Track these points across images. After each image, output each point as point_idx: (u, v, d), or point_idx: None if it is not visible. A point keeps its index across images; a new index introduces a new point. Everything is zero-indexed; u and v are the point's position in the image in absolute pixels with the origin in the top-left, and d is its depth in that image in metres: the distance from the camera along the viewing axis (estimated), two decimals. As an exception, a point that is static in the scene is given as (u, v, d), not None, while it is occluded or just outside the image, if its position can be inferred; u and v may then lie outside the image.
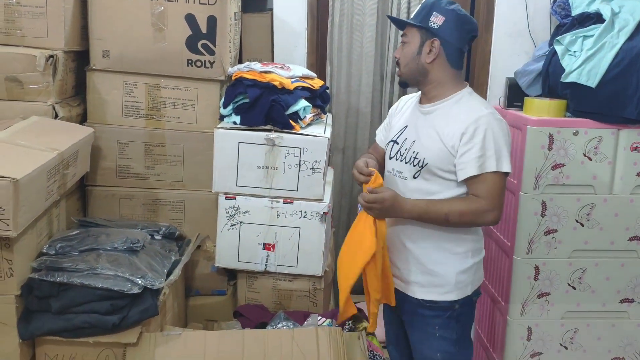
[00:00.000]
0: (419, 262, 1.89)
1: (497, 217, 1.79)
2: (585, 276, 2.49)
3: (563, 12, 2.52)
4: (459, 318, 1.90)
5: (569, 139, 2.37)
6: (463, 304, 1.89)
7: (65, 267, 1.88)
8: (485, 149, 1.76)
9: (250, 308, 2.33)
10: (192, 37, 2.29)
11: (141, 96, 2.36)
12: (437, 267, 1.87)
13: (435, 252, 1.88)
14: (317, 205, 2.26)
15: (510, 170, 1.78)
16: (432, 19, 1.84)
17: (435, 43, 1.85)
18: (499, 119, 1.81)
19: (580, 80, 2.29)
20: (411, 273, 1.91)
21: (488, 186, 1.77)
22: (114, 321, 1.84)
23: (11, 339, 1.84)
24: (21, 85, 2.14)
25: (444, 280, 1.87)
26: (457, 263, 1.87)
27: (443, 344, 1.90)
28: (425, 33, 1.86)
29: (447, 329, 1.89)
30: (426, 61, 1.87)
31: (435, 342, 1.91)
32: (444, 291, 1.88)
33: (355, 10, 2.87)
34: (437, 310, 1.89)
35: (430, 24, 1.84)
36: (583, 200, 2.43)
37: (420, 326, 1.94)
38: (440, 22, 1.84)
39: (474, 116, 1.78)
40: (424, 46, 1.86)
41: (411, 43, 1.89)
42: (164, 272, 2.07)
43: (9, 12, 2.15)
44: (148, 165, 2.42)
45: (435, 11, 1.84)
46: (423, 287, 1.90)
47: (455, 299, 1.88)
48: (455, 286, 1.87)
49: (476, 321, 2.97)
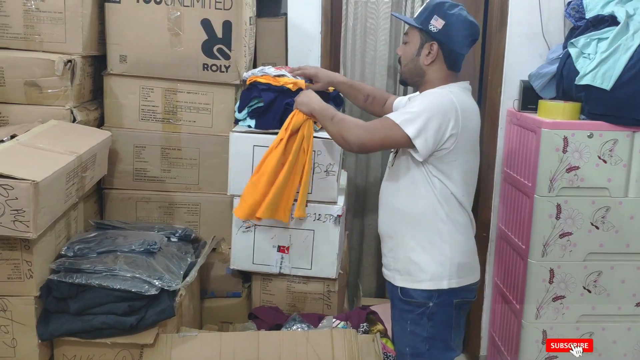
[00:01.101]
0: (400, 250, 1.96)
1: (359, 144, 1.87)
2: (600, 279, 2.48)
3: (577, 15, 2.51)
4: (432, 317, 1.92)
5: (583, 142, 2.36)
6: (438, 303, 1.91)
7: (83, 269, 1.90)
8: (411, 106, 1.87)
9: (265, 310, 2.35)
10: (208, 42, 2.32)
11: (157, 100, 2.39)
12: (415, 256, 1.92)
13: (413, 241, 1.93)
14: (331, 208, 2.27)
15: (411, 135, 1.80)
16: (432, 22, 1.87)
17: (434, 47, 1.88)
18: (444, 94, 1.85)
19: (594, 83, 2.29)
20: (395, 261, 1.98)
21: (379, 123, 1.88)
22: (132, 322, 1.87)
23: (30, 339, 1.87)
24: (40, 89, 2.17)
25: (419, 268, 1.91)
26: (434, 254, 1.90)
27: (412, 340, 1.95)
28: (425, 35, 1.89)
29: (418, 325, 1.93)
30: (424, 63, 1.92)
31: (406, 337, 1.97)
32: (417, 279, 1.92)
33: (369, 14, 2.88)
34: (411, 305, 1.94)
35: (430, 27, 1.87)
36: (598, 203, 2.42)
37: (397, 319, 2.02)
38: (440, 26, 1.86)
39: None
40: (423, 48, 1.90)
41: (411, 43, 1.94)
42: (181, 273, 2.09)
43: (28, 18, 2.18)
44: (164, 169, 2.44)
45: (436, 14, 1.87)
46: (401, 275, 1.96)
47: (428, 289, 1.90)
48: (430, 276, 1.90)
49: (490, 324, 2.97)
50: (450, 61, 1.91)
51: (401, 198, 1.95)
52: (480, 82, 2.91)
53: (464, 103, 1.86)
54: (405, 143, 1.82)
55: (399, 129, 1.81)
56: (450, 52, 1.89)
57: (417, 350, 1.95)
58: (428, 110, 1.80)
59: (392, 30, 2.90)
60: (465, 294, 1.96)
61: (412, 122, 1.80)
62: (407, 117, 1.81)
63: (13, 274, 1.82)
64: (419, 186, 1.90)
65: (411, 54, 1.94)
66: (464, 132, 1.83)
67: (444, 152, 1.83)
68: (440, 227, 1.90)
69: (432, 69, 1.92)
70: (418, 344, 1.95)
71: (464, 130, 1.83)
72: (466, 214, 1.95)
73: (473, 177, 1.97)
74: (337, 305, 2.40)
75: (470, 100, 1.92)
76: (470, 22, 1.90)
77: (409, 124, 1.80)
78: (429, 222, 1.90)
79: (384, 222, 2.05)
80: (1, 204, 1.65)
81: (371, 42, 2.91)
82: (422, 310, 1.92)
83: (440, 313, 1.93)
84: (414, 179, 1.90)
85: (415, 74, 1.96)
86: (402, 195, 1.95)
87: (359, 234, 3.14)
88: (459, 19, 1.87)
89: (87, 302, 1.87)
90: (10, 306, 1.84)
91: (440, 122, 1.80)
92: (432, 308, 1.91)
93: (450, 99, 1.83)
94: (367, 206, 3.09)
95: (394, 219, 1.99)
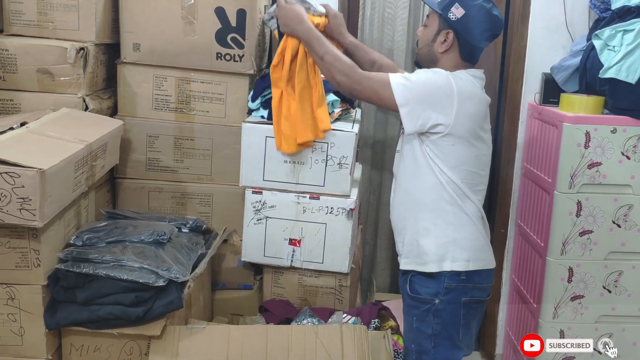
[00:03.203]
0: (408, 233, 1.93)
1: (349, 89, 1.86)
2: (621, 279, 2.42)
3: (602, 6, 2.45)
4: (438, 314, 1.88)
5: (606, 137, 2.30)
6: (445, 300, 1.87)
7: (91, 259, 1.89)
8: (410, 75, 1.83)
9: (276, 303, 2.32)
10: (222, 31, 2.29)
11: (171, 89, 2.37)
12: (420, 238, 1.89)
13: (419, 223, 1.90)
14: (343, 201, 2.23)
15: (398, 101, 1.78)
16: (452, 10, 1.82)
17: (450, 35, 1.84)
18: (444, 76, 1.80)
19: (619, 76, 2.22)
20: (402, 245, 1.97)
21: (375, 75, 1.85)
22: (138, 313, 1.85)
23: (38, 328, 1.86)
24: (52, 77, 2.16)
25: (423, 250, 1.88)
26: (437, 234, 1.87)
27: (418, 336, 1.93)
28: (444, 22, 1.85)
29: (424, 322, 1.90)
30: (438, 50, 1.87)
31: (412, 333, 1.95)
32: (422, 262, 1.89)
33: (387, 3, 2.83)
34: (417, 301, 1.91)
35: (449, 14, 1.82)
36: (620, 201, 2.35)
37: (405, 315, 1.99)
38: (459, 15, 1.81)
39: None
40: (439, 35, 1.86)
41: (430, 27, 1.90)
42: (190, 265, 2.07)
43: (41, 5, 2.18)
44: (177, 159, 2.43)
45: (457, 2, 1.82)
46: (408, 258, 1.94)
47: (430, 271, 1.87)
48: (433, 257, 1.87)
49: (506, 323, 2.92)
50: (465, 52, 1.86)
51: (407, 181, 1.92)
52: (501, 74, 2.85)
53: (465, 88, 1.80)
54: (392, 106, 1.80)
55: (390, 89, 1.78)
56: (465, 43, 1.84)
57: (422, 347, 1.92)
58: (424, 85, 1.78)
59: (410, 20, 2.84)
60: (475, 292, 1.89)
61: (406, 88, 1.78)
62: (403, 82, 1.79)
63: (21, 262, 1.81)
64: (421, 168, 1.86)
65: (427, 39, 1.90)
66: (460, 117, 1.78)
67: (437, 135, 1.80)
68: (445, 208, 1.86)
69: (445, 57, 1.88)
70: (423, 341, 1.91)
71: (460, 115, 1.77)
72: (473, 204, 1.89)
73: (477, 167, 1.89)
74: (349, 299, 2.37)
75: (476, 87, 1.86)
76: (493, 15, 1.84)
77: (402, 90, 1.78)
78: (432, 204, 1.87)
79: (394, 207, 2.03)
80: (7, 191, 1.64)
81: (389, 32, 2.86)
82: (427, 307, 1.88)
83: (447, 310, 1.88)
84: (418, 162, 1.87)
85: (428, 59, 1.92)
86: (408, 178, 1.92)
87: (373, 227, 3.10)
88: (481, 10, 1.81)
89: (94, 292, 1.86)
90: (18, 294, 1.83)
91: (431, 102, 1.77)
92: (438, 305, 1.87)
93: (449, 81, 1.78)
94: (382, 200, 3.04)
95: (401, 202, 1.97)
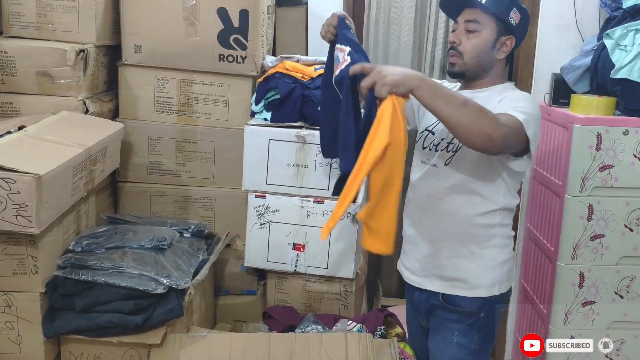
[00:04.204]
0: (443, 256, 1.78)
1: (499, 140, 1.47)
2: (633, 285, 2.37)
3: (613, 5, 2.40)
4: (482, 328, 1.78)
5: (618, 139, 2.24)
6: (488, 312, 1.77)
7: (90, 265, 1.86)
8: (517, 101, 1.63)
9: (279, 310, 2.28)
10: (224, 32, 2.25)
11: (173, 92, 2.33)
12: (465, 263, 1.76)
13: (463, 247, 1.75)
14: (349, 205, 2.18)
15: (531, 138, 1.57)
16: (512, 15, 1.72)
17: (511, 41, 1.75)
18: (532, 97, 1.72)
19: (631, 77, 2.17)
20: (433, 267, 1.80)
21: (510, 118, 1.53)
22: (137, 322, 1.81)
23: (36, 336, 1.83)
24: (52, 79, 2.13)
25: (471, 275, 1.75)
26: (486, 260, 1.75)
27: (458, 352, 1.78)
28: (504, 27, 1.73)
29: (467, 336, 1.78)
30: (497, 57, 1.76)
31: (450, 349, 1.80)
32: (468, 286, 1.76)
33: (393, 3, 2.78)
34: (458, 314, 1.78)
35: (510, 19, 1.72)
36: (633, 204, 2.30)
37: (438, 328, 1.83)
38: (517, 20, 1.73)
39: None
40: (498, 41, 1.74)
41: (484, 33, 1.73)
42: (191, 271, 2.03)
43: (41, 7, 2.15)
44: (179, 162, 2.39)
45: (515, 7, 1.72)
46: (445, 281, 1.79)
47: (481, 296, 1.75)
48: (481, 282, 1.75)
49: (515, 328, 2.86)
50: (510, 57, 1.80)
51: (457, 201, 1.75)
52: (510, 75, 2.79)
53: None
54: (520, 147, 1.59)
55: (522, 129, 1.55)
56: (515, 47, 1.77)
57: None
58: (536, 111, 1.63)
59: (416, 21, 2.79)
60: (504, 301, 1.84)
61: (530, 123, 1.57)
62: (525, 116, 1.56)
63: (18, 269, 1.77)
64: (482, 191, 1.72)
65: (484, 46, 1.73)
66: None
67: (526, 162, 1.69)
68: (495, 232, 1.75)
69: (499, 64, 1.77)
70: (464, 357, 1.79)
71: None
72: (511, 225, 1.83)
73: None
74: (354, 305, 2.33)
75: None
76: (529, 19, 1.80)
77: (529, 125, 1.57)
78: (484, 229, 1.74)
79: (425, 225, 1.82)
80: (3, 197, 1.60)
81: (394, 32, 2.81)
82: (472, 321, 1.77)
83: (488, 325, 1.79)
84: (478, 183, 1.72)
85: (482, 67, 1.76)
86: (458, 199, 1.74)
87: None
88: (528, 15, 1.76)
89: (93, 300, 1.82)
90: (16, 302, 1.80)
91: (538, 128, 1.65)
92: (483, 318, 1.77)
93: (537, 103, 1.69)
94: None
95: (440, 222, 1.78)
